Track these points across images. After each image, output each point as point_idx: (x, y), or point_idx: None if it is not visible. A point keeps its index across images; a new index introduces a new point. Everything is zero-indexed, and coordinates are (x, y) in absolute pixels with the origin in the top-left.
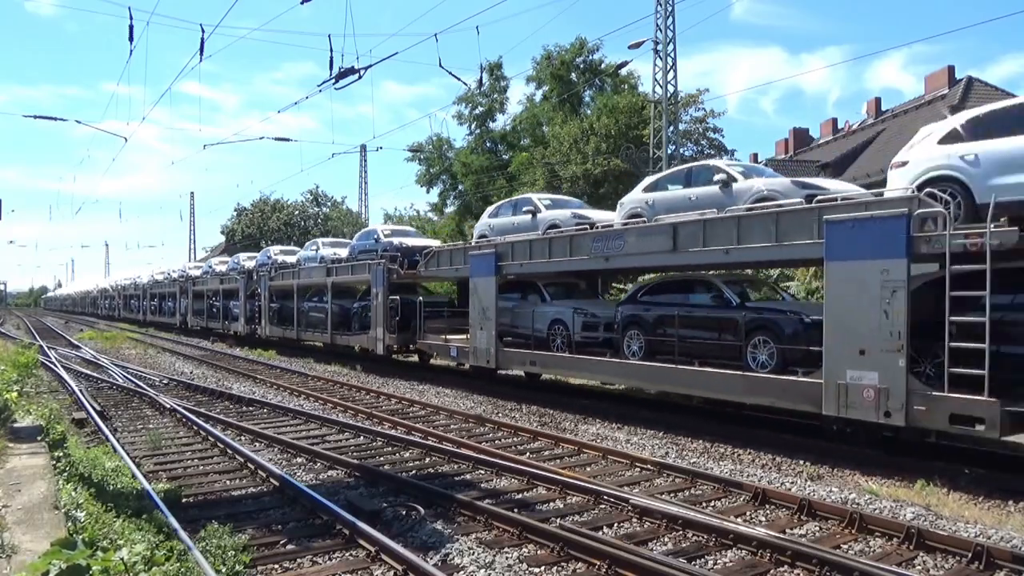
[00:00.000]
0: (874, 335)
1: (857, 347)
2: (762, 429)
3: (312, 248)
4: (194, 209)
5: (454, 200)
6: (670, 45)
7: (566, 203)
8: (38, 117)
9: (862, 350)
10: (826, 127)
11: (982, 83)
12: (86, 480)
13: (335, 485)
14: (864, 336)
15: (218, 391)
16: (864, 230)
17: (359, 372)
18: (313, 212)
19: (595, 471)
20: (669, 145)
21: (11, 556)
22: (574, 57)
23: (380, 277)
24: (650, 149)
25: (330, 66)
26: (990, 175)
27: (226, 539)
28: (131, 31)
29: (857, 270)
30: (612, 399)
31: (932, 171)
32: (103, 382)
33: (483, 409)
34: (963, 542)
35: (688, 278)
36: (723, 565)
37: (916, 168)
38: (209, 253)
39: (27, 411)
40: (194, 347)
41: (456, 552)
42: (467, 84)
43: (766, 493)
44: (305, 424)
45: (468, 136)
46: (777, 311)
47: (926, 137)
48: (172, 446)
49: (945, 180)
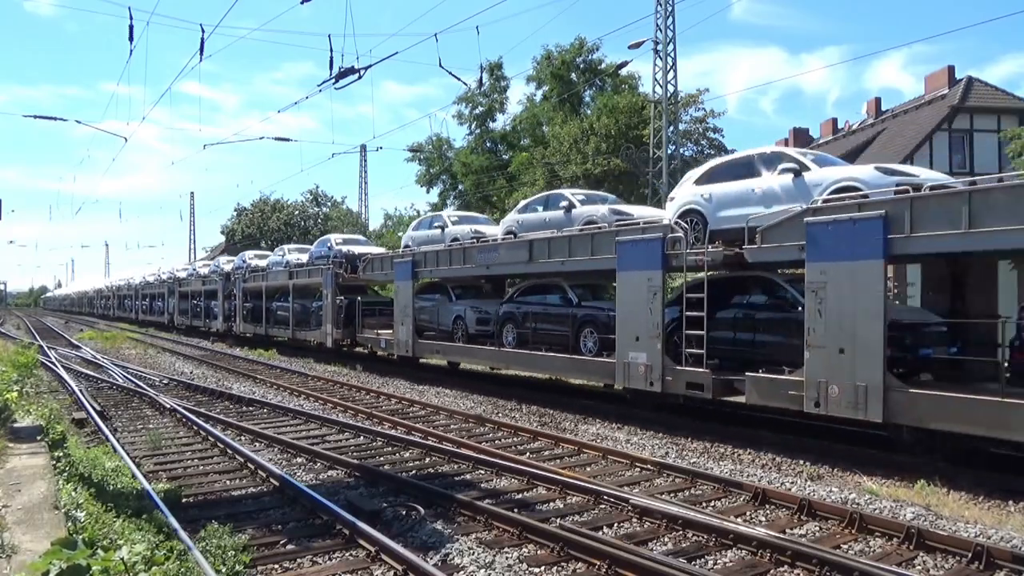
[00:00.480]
0: (644, 327)
1: (634, 335)
2: (762, 429)
3: (279, 253)
4: (194, 209)
5: (454, 200)
6: (670, 45)
7: (473, 219)
8: (38, 117)
9: (637, 337)
10: (826, 127)
11: (982, 83)
12: (86, 480)
13: (335, 485)
14: (638, 327)
15: (218, 391)
16: (638, 248)
17: (359, 372)
18: (313, 212)
19: (595, 471)
20: (669, 145)
21: (11, 556)
22: (574, 57)
23: (329, 280)
24: (650, 149)
25: (330, 66)
26: (717, 209)
27: (226, 539)
28: (131, 31)
29: (634, 278)
30: (612, 399)
31: (686, 205)
32: (103, 382)
33: (483, 409)
34: (963, 542)
35: (546, 283)
36: (723, 565)
37: (679, 202)
38: (209, 253)
39: (27, 411)
40: (194, 347)
41: (456, 552)
42: (467, 84)
43: (766, 493)
44: (305, 424)
45: (468, 136)
46: (599, 309)
47: (687, 179)
48: (172, 446)
49: (693, 212)
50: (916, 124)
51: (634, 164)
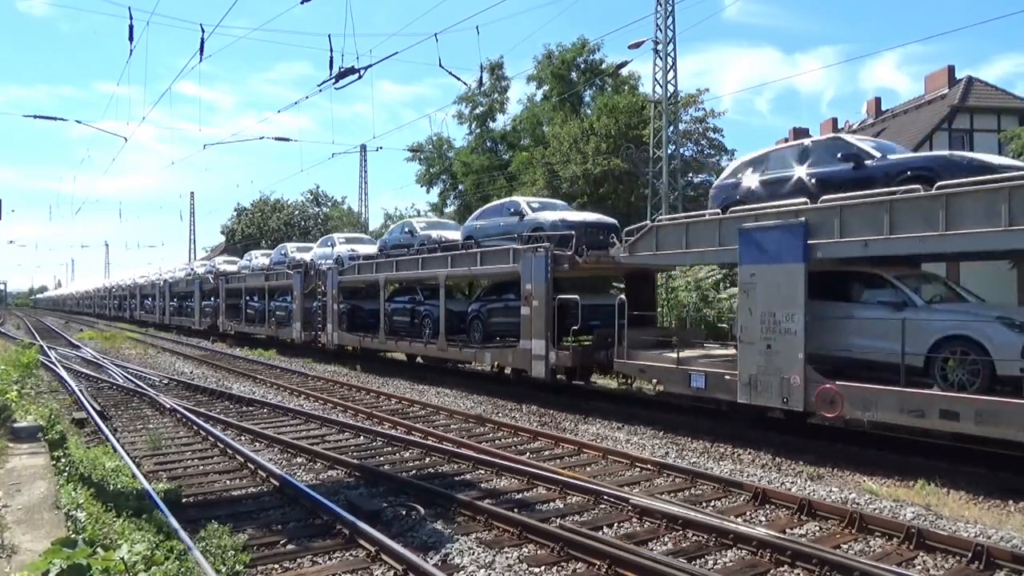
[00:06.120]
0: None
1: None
2: (762, 429)
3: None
4: (194, 209)
5: (454, 200)
6: (670, 45)
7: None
8: (38, 117)
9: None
10: (826, 127)
11: (982, 83)
12: (86, 480)
13: (335, 485)
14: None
15: (218, 391)
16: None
17: (359, 372)
18: (313, 212)
19: (595, 471)
20: (669, 145)
21: (11, 556)
22: (575, 57)
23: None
24: (650, 149)
25: (330, 66)
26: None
27: (226, 539)
28: (131, 31)
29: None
30: (612, 399)
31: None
32: (103, 382)
33: (483, 409)
34: (963, 542)
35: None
36: (723, 565)
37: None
38: (209, 253)
39: (27, 411)
40: (194, 347)
41: (456, 552)
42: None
43: (766, 493)
44: (305, 424)
45: (468, 136)
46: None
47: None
48: (172, 446)
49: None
50: (916, 124)
51: (634, 164)
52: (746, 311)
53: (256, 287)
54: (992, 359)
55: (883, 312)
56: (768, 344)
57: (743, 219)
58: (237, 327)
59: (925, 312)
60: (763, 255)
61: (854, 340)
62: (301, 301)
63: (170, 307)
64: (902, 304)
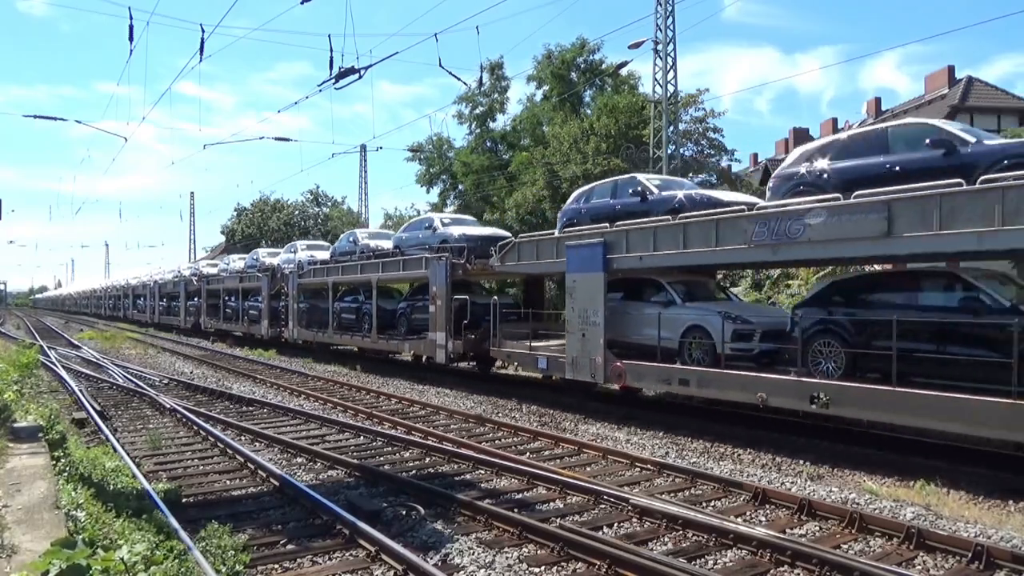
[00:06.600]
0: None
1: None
2: (762, 429)
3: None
4: (194, 209)
5: (454, 200)
6: (670, 45)
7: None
8: (38, 117)
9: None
10: (826, 127)
11: (982, 83)
12: (86, 480)
13: (335, 485)
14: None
15: (218, 391)
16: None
17: (359, 372)
18: (313, 212)
19: (595, 471)
20: (669, 145)
21: (11, 556)
22: (575, 57)
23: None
24: (650, 149)
25: (330, 66)
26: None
27: (226, 539)
28: (131, 31)
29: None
30: (612, 399)
31: None
32: (103, 382)
33: (483, 409)
34: (963, 542)
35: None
36: (723, 565)
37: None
38: (209, 253)
39: (27, 411)
40: (194, 347)
41: (456, 552)
42: (467, 84)
43: (766, 493)
44: (305, 424)
45: (468, 136)
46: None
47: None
48: (172, 446)
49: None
50: None
51: (634, 164)
52: (570, 308)
53: (232, 288)
54: (713, 342)
55: (656, 309)
56: (583, 333)
57: (570, 238)
58: (216, 325)
59: (681, 309)
60: (581, 265)
61: (642, 330)
62: (268, 301)
63: (159, 307)
64: (669, 303)
